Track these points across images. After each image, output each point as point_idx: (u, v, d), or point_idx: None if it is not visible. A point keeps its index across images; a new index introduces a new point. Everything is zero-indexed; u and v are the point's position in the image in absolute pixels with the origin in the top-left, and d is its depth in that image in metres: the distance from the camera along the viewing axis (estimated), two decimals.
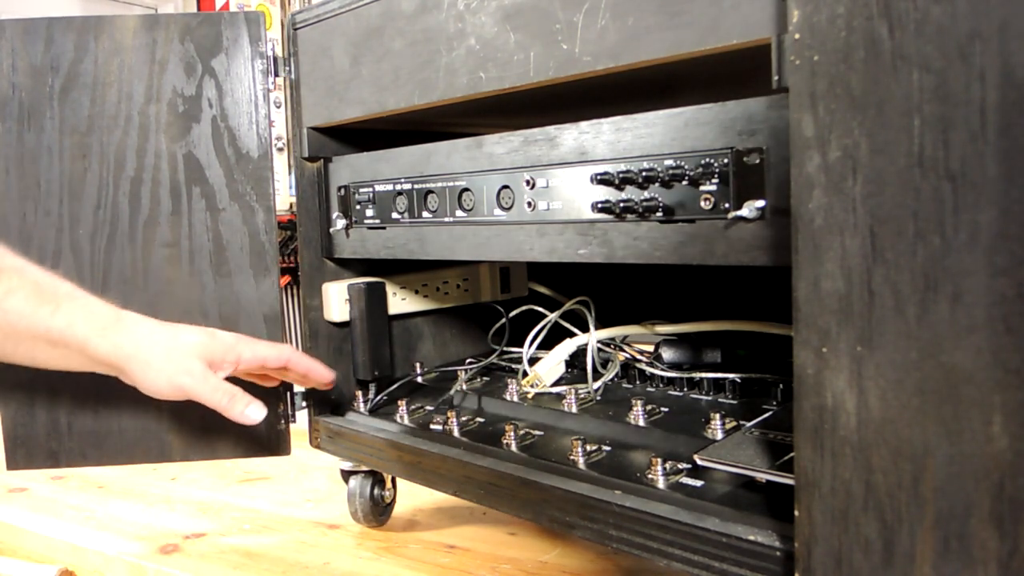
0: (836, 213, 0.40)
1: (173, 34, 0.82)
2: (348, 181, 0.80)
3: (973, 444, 0.37)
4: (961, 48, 0.36)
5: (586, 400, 0.74)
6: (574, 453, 0.62)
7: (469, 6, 0.63)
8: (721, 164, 0.49)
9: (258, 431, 0.86)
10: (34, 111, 0.82)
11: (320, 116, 0.80)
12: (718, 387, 0.73)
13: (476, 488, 0.66)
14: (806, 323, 0.42)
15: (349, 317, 0.84)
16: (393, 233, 0.76)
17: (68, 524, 0.92)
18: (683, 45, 0.50)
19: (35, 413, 0.85)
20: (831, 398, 0.42)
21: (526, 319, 0.86)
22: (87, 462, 0.86)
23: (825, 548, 0.43)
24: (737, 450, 0.56)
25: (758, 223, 0.48)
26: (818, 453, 0.43)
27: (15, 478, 1.04)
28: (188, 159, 0.83)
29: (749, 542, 0.48)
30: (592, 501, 0.57)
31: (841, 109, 0.40)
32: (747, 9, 0.47)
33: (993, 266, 0.36)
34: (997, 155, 0.35)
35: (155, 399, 0.68)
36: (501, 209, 0.65)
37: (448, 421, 0.73)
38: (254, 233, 0.83)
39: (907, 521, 0.39)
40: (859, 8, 0.39)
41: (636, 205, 0.54)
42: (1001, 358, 0.36)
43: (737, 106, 0.49)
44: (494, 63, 0.62)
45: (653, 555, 0.53)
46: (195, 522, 0.93)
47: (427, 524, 0.90)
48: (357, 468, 0.85)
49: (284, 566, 0.80)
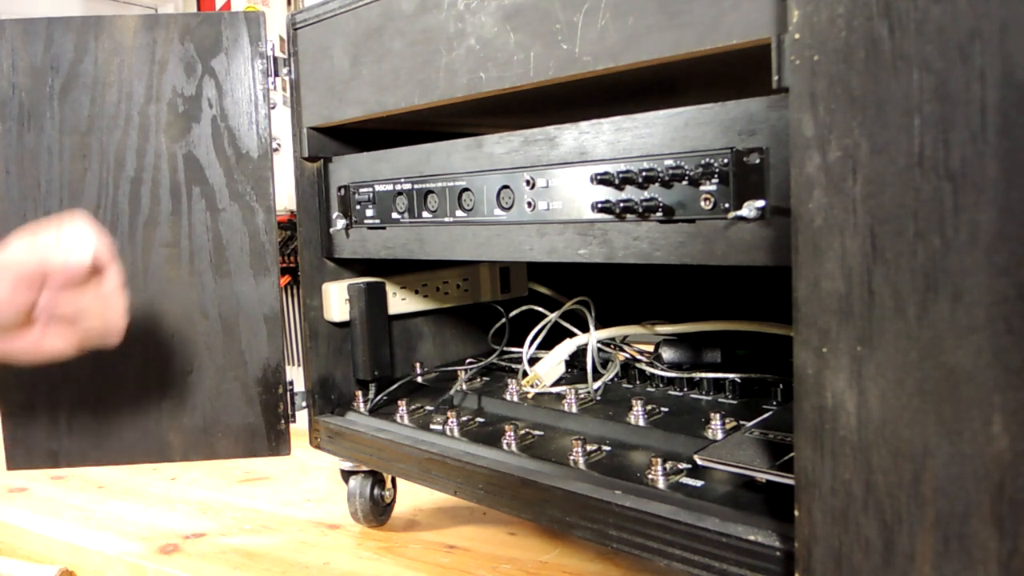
0: (836, 213, 0.40)
1: (173, 34, 0.82)
2: (348, 181, 0.80)
3: (973, 444, 0.37)
4: (961, 48, 0.36)
5: (586, 400, 0.74)
6: (574, 453, 0.62)
7: (469, 6, 0.63)
8: (721, 164, 0.49)
9: (258, 431, 0.86)
10: (34, 111, 0.82)
11: (320, 116, 0.80)
12: (718, 387, 0.73)
13: (476, 488, 0.66)
14: (806, 323, 0.42)
15: (349, 317, 0.84)
16: (393, 233, 0.76)
17: (68, 524, 0.92)
18: (683, 45, 0.50)
19: (35, 413, 0.85)
20: (831, 398, 0.42)
21: (526, 319, 0.86)
22: (87, 462, 0.86)
23: (825, 548, 0.43)
24: (737, 450, 0.56)
25: (758, 223, 0.48)
26: (818, 453, 0.43)
27: (15, 478, 1.04)
28: (188, 159, 0.83)
29: (749, 542, 0.48)
30: (592, 501, 0.57)
31: (841, 109, 0.40)
32: (747, 9, 0.47)
33: (993, 266, 0.36)
34: (997, 155, 0.35)
35: (156, 399, 0.68)
36: (501, 209, 0.65)
37: (448, 421, 0.73)
38: (254, 233, 0.83)
39: (907, 521, 0.39)
40: (859, 8, 0.39)
41: (636, 205, 0.54)
42: (1001, 358, 0.36)
43: (737, 106, 0.49)
44: (494, 63, 0.62)
45: (653, 555, 0.53)
46: (195, 522, 0.93)
47: (427, 524, 0.90)
48: (357, 468, 0.85)
49: (284, 566, 0.80)
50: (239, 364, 0.85)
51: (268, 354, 0.85)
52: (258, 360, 0.85)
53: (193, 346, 0.84)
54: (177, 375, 0.85)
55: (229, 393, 0.85)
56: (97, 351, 0.85)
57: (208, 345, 0.84)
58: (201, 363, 0.85)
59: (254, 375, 0.85)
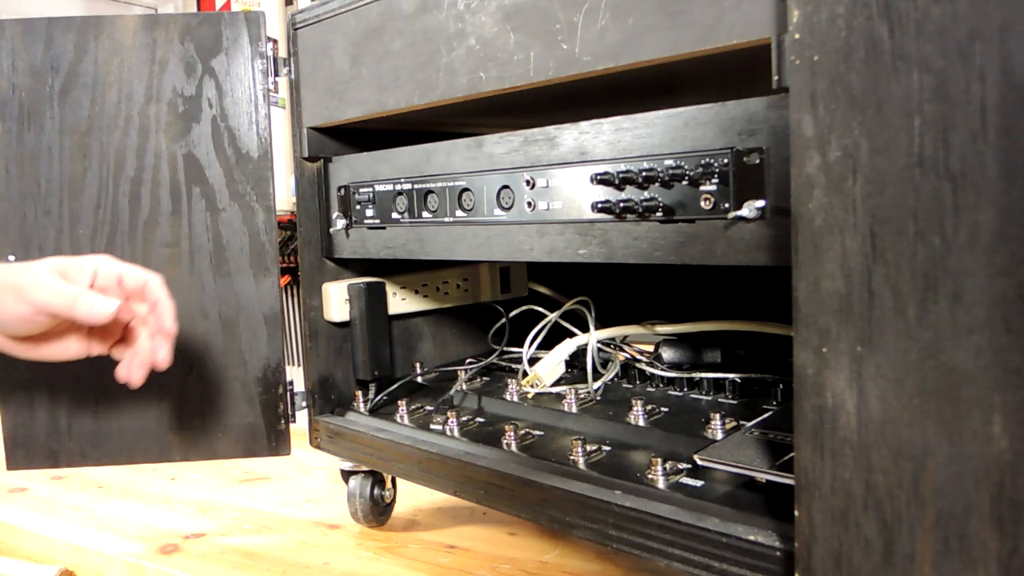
0: (836, 213, 0.40)
1: (173, 34, 0.82)
2: (348, 181, 0.80)
3: (973, 444, 0.37)
4: (961, 48, 0.36)
5: (586, 400, 0.74)
6: (574, 453, 0.62)
7: (469, 6, 0.63)
8: (721, 164, 0.49)
9: (258, 431, 0.86)
10: (34, 111, 0.82)
11: (320, 116, 0.80)
12: (718, 387, 0.73)
13: (476, 488, 0.66)
14: (806, 323, 0.42)
15: (349, 317, 0.84)
16: (393, 233, 0.76)
17: (68, 524, 0.92)
18: (683, 45, 0.50)
19: (35, 413, 0.85)
20: (831, 398, 0.42)
21: (526, 319, 0.86)
22: (87, 462, 0.86)
23: (825, 548, 0.43)
24: (737, 450, 0.56)
25: (758, 223, 0.48)
26: (818, 453, 0.43)
27: (15, 478, 1.04)
28: (188, 159, 0.83)
29: (749, 542, 0.48)
30: (592, 501, 0.57)
31: (841, 109, 0.40)
32: (747, 9, 0.47)
33: (993, 266, 0.36)
34: (997, 155, 0.35)
35: (156, 399, 0.68)
36: (501, 209, 0.65)
37: (448, 421, 0.73)
38: (254, 233, 0.83)
39: (907, 521, 0.39)
40: (859, 8, 0.39)
41: (636, 205, 0.54)
42: (1001, 358, 0.36)
43: (737, 106, 0.49)
44: (494, 63, 0.62)
45: (653, 555, 0.53)
46: (195, 522, 0.93)
47: (427, 524, 0.90)
48: (357, 468, 0.85)
49: (284, 566, 0.80)
50: (239, 364, 0.85)
51: (268, 354, 0.85)
52: (258, 360, 0.85)
53: (193, 346, 0.84)
54: (177, 375, 0.85)
55: (229, 393, 0.85)
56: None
57: (208, 345, 0.84)
58: (201, 363, 0.85)
59: (254, 375, 0.85)
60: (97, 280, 0.69)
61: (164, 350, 0.68)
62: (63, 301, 0.65)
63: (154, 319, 0.69)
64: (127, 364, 0.69)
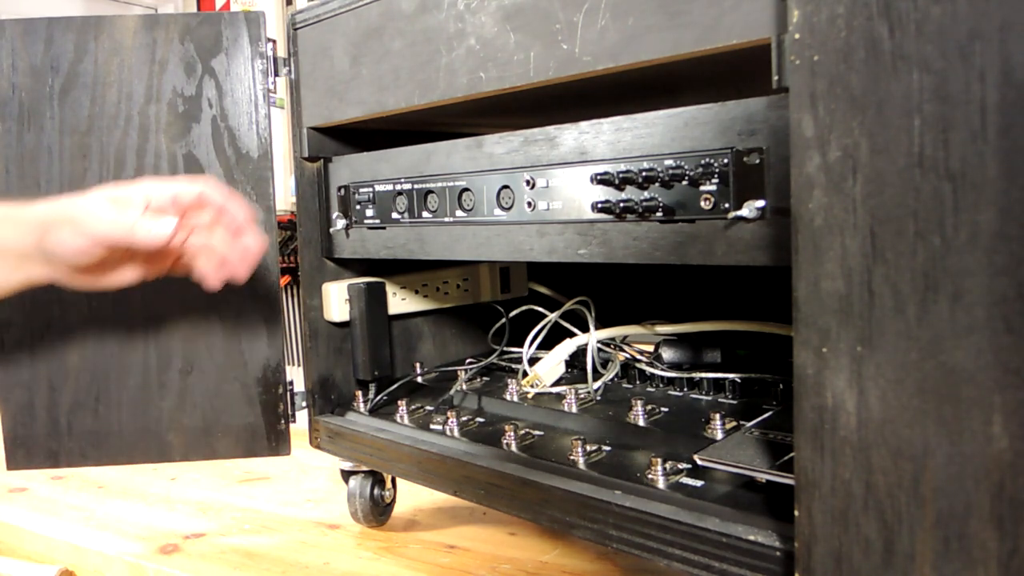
0: (836, 213, 0.40)
1: (173, 34, 0.82)
2: (348, 181, 0.80)
3: (973, 444, 0.37)
4: (961, 48, 0.36)
5: (586, 400, 0.74)
6: (574, 453, 0.62)
7: (469, 6, 0.63)
8: (721, 164, 0.49)
9: (258, 431, 0.86)
10: (34, 111, 0.82)
11: (320, 116, 0.80)
12: (718, 387, 0.73)
13: (476, 488, 0.66)
14: (806, 323, 0.42)
15: (349, 317, 0.84)
16: (393, 233, 0.76)
17: (68, 524, 0.93)
18: (683, 45, 0.50)
19: (35, 413, 0.85)
20: (831, 398, 0.42)
21: (526, 319, 0.86)
22: (87, 462, 0.86)
23: (825, 548, 0.43)
24: (737, 450, 0.56)
25: (758, 223, 0.48)
26: (818, 453, 0.43)
27: (15, 478, 1.04)
28: (188, 159, 0.83)
29: (749, 542, 0.48)
30: (592, 501, 0.57)
31: (841, 109, 0.40)
32: (747, 9, 0.47)
33: (993, 266, 0.36)
34: (997, 155, 0.35)
35: (156, 399, 0.68)
36: (501, 209, 0.65)
37: (448, 421, 0.73)
38: None
39: (907, 521, 0.39)
40: (859, 8, 0.39)
41: (636, 205, 0.54)
42: (1001, 358, 0.36)
43: (737, 106, 0.49)
44: (494, 63, 0.62)
45: (653, 555, 0.53)
46: (195, 522, 0.93)
47: (427, 524, 0.90)
48: (357, 468, 0.85)
49: (284, 566, 0.80)
50: (239, 364, 0.85)
51: (268, 354, 0.85)
52: (258, 360, 0.85)
53: (193, 346, 0.84)
54: (177, 375, 0.85)
55: (229, 393, 0.85)
56: (97, 351, 0.86)
57: (208, 345, 0.84)
58: (201, 363, 0.85)
59: (254, 375, 0.85)
60: (153, 202, 0.67)
61: (250, 237, 0.68)
62: (121, 230, 0.64)
63: (227, 220, 0.68)
64: (215, 273, 0.69)
